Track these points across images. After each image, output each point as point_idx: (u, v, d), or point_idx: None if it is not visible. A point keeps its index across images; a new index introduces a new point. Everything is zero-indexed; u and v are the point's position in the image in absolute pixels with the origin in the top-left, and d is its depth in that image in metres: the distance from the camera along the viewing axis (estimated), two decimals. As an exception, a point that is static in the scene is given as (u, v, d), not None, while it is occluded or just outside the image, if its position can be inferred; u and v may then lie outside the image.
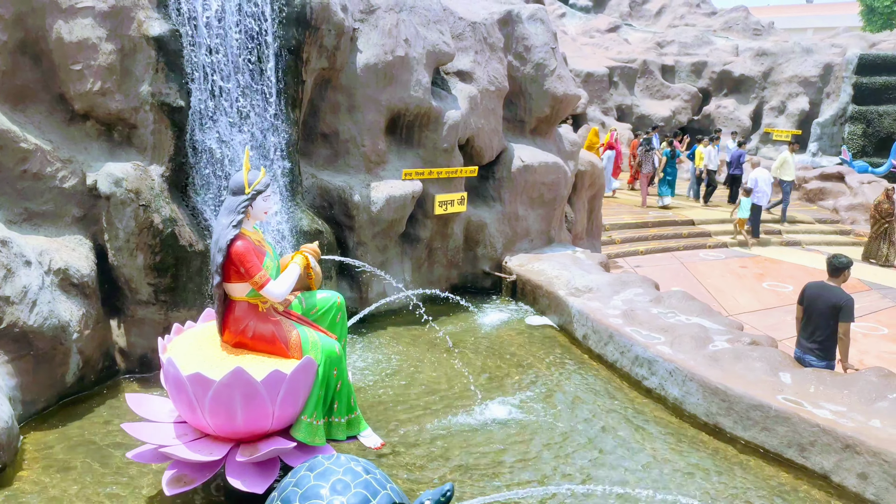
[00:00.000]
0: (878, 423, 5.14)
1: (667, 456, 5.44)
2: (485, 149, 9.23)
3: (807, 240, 17.18)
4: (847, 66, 27.30)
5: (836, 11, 61.61)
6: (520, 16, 9.82)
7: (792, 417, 5.32)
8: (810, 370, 6.10)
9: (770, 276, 13.97)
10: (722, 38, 32.70)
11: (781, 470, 5.28)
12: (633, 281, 8.66)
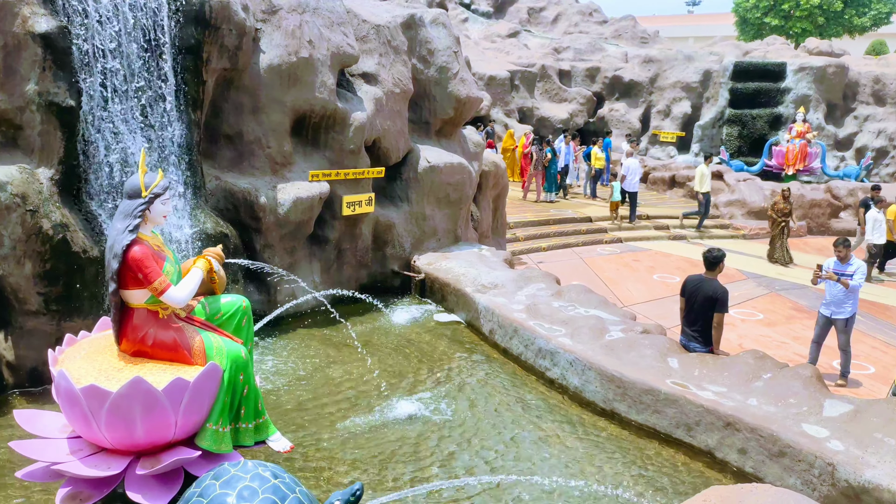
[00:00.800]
0: (754, 401, 5.38)
1: (569, 442, 5.51)
2: (391, 150, 9.13)
3: (692, 234, 17.93)
4: (724, 72, 28.71)
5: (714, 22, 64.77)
6: (423, 20, 9.77)
7: (679, 399, 5.51)
8: (695, 355, 6.33)
9: (660, 269, 14.49)
10: (613, 45, 33.76)
11: (672, 449, 5.45)
12: (535, 276, 8.77)
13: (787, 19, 41.69)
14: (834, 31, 42.01)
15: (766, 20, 42.17)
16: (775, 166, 23.97)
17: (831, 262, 8.83)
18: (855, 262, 8.72)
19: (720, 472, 5.17)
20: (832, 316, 8.86)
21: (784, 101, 28.15)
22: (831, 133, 28.26)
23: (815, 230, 19.06)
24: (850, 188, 19.70)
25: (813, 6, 40.29)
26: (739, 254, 16.17)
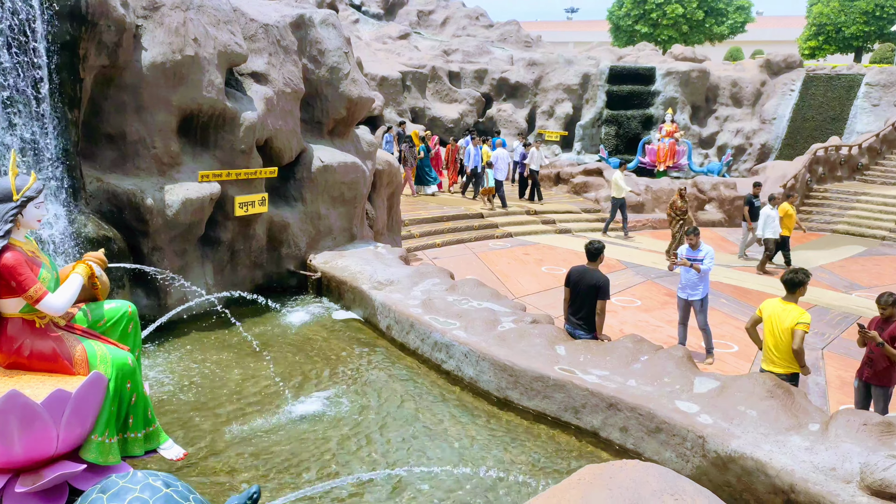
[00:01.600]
0: (633, 382, 5.61)
1: (467, 432, 5.55)
2: (284, 150, 8.89)
3: (576, 227, 18.55)
4: (601, 75, 29.89)
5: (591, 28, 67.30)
6: (312, 20, 9.57)
7: (567, 385, 5.66)
8: (580, 342, 6.53)
9: (548, 261, 14.89)
10: (499, 48, 34.40)
11: (561, 432, 5.59)
12: (430, 272, 8.78)
13: (656, 27, 43.88)
14: (697, 39, 44.59)
15: (637, 27, 44.21)
16: (648, 163, 25.22)
17: (684, 250, 9.42)
18: (704, 248, 9.32)
19: (605, 451, 5.36)
20: (688, 298, 9.42)
21: (654, 102, 29.64)
22: (696, 132, 30.01)
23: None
24: (713, 182, 20.95)
25: (678, 15, 42.58)
26: (619, 245, 16.86)
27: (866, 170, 23.58)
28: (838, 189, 22.10)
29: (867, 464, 4.25)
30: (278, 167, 8.91)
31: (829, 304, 12.46)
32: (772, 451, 4.64)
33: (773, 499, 4.49)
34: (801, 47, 41.97)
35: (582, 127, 29.90)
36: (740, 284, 13.66)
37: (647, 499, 2.78)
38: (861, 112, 27.44)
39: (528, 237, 17.35)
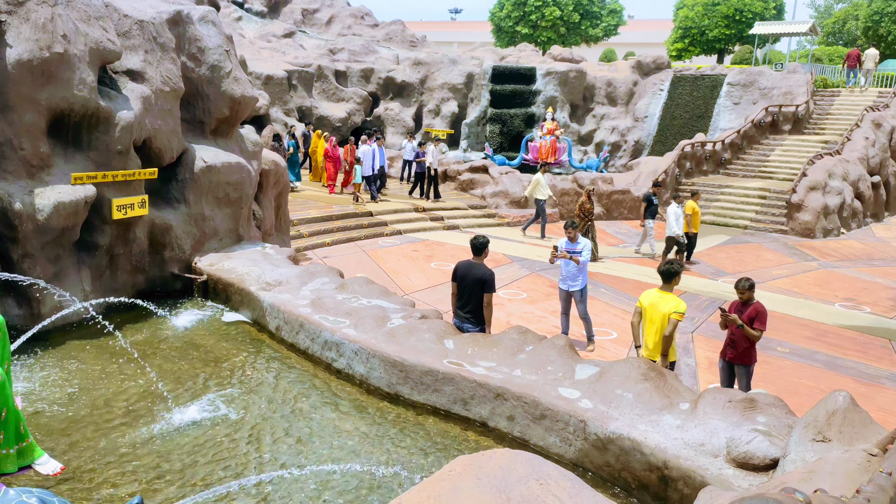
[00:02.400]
0: (519, 372, 5.84)
1: (359, 429, 5.59)
2: (164, 150, 8.55)
3: (464, 223, 18.89)
4: (484, 75, 30.52)
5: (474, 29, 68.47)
6: (190, 17, 9.24)
7: (455, 377, 5.82)
8: (468, 335, 6.71)
9: (437, 257, 15.09)
10: (385, 48, 34.38)
11: (451, 424, 5.74)
12: (319, 271, 8.73)
13: (536, 28, 45.26)
14: (574, 41, 46.37)
15: (518, 29, 45.43)
16: (532, 160, 26.01)
17: (563, 243, 9.75)
18: (581, 241, 9.71)
19: (493, 440, 5.55)
20: (569, 289, 9.76)
21: (536, 101, 30.59)
22: (575, 130, 31.24)
23: (565, 216, 20.94)
24: (591, 178, 21.90)
25: (556, 18, 44.11)
26: (505, 240, 17.32)
27: (729, 164, 25.38)
28: (704, 182, 23.68)
29: (732, 438, 4.64)
30: (159, 168, 8.56)
31: (698, 290, 13.36)
32: (646, 430, 4.98)
33: (649, 475, 4.82)
34: (669, 49, 44.54)
35: (468, 125, 30.42)
36: (618, 275, 14.39)
37: (514, 485, 2.92)
38: (724, 110, 29.48)
39: (418, 234, 17.51)
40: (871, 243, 19.77)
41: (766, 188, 22.32)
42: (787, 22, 40.06)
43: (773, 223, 20.79)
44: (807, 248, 18.51)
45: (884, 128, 24.84)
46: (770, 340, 10.38)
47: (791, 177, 22.57)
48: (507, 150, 29.07)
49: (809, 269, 16.08)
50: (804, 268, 16.14)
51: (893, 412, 8.15)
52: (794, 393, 8.43)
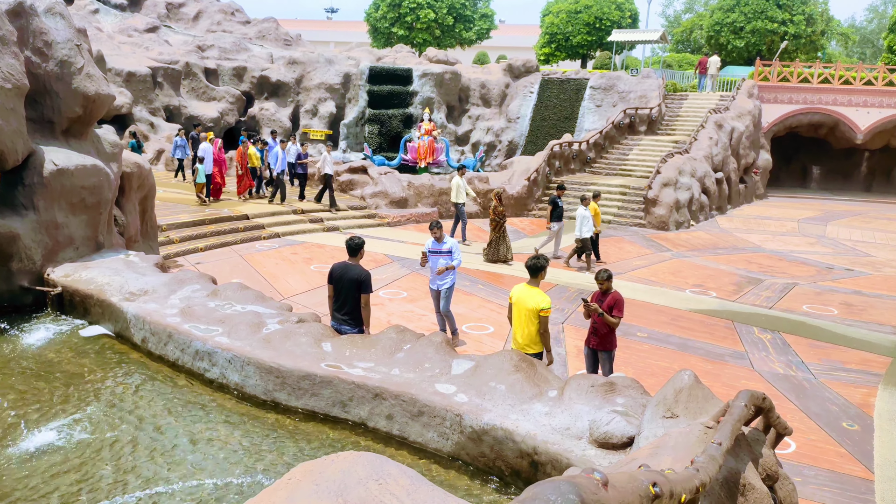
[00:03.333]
0: (397, 371, 5.83)
1: (234, 440, 5.37)
2: (7, 152, 7.82)
3: (344, 225, 18.68)
4: (362, 75, 30.34)
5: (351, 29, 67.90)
6: (34, 8, 8.51)
7: (333, 380, 5.73)
8: (346, 337, 6.63)
9: (317, 259, 14.82)
10: (258, 45, 33.36)
11: (331, 427, 5.64)
12: (190, 278, 8.31)
13: (411, 30, 45.51)
14: (448, 43, 47.02)
15: (394, 30, 45.49)
16: (410, 160, 26.13)
17: (430, 243, 9.82)
18: (448, 241, 9.80)
19: (372, 440, 5.50)
20: (438, 288, 9.84)
21: (413, 102, 30.76)
22: (452, 130, 31.71)
23: (444, 215, 21.20)
24: (468, 177, 22.25)
25: (430, 20, 44.54)
26: (385, 240, 17.28)
27: (594, 163, 26.63)
28: (572, 180, 24.70)
29: (594, 420, 4.85)
30: (1, 172, 7.83)
31: (568, 283, 13.92)
32: (518, 419, 5.11)
33: (521, 462, 4.94)
34: (538, 53, 46.13)
35: (346, 126, 30.12)
36: (494, 271, 14.73)
37: (353, 487, 2.86)
38: (588, 112, 30.91)
39: (297, 237, 17.12)
40: (717, 234, 21.41)
41: (626, 185, 23.60)
42: (640, 30, 42.57)
43: (633, 217, 22.02)
44: (662, 239, 19.75)
45: (725, 128, 26.95)
46: (630, 326, 10.98)
47: (647, 174, 23.99)
48: (386, 150, 29.04)
49: (664, 259, 17.17)
50: (660, 258, 17.21)
51: (736, 386, 8.85)
52: (652, 374, 8.97)
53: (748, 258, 17.65)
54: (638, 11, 46.16)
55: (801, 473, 6.87)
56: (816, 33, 42.67)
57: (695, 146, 25.13)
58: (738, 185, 27.75)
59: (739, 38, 41.98)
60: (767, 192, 31.61)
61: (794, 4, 41.31)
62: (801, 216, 25.77)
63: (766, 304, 13.21)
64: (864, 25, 70.88)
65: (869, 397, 8.84)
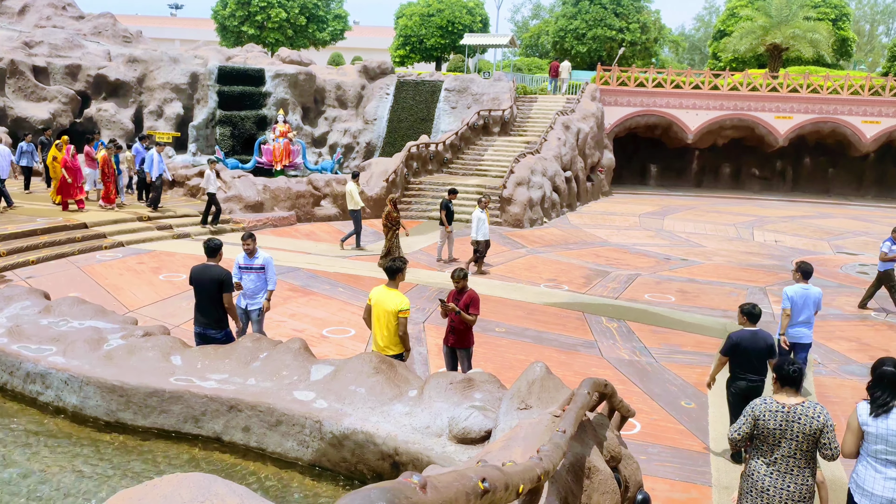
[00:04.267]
0: (253, 381, 5.67)
1: (73, 468, 4.97)
2: None
3: (195, 231, 17.80)
4: (210, 75, 29.07)
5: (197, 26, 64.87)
6: None
7: (184, 395, 5.46)
8: (198, 348, 6.34)
9: (166, 269, 14.04)
10: (93, 42, 31.02)
11: (182, 445, 5.38)
12: (18, 294, 7.60)
13: (262, 29, 44.20)
14: (302, 43, 46.15)
15: (244, 29, 43.98)
16: (266, 163, 25.39)
17: (241, 257, 8.58)
18: (261, 255, 8.61)
19: (228, 454, 5.30)
20: (248, 307, 8.58)
21: (267, 103, 29.91)
22: (308, 132, 31.18)
23: (302, 218, 20.83)
24: (326, 180, 22.01)
25: (282, 19, 43.50)
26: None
27: (451, 163, 27.20)
28: (430, 181, 25.09)
29: (453, 417, 4.96)
30: None
31: (428, 282, 14.13)
32: (378, 421, 5.12)
33: (382, 464, 4.96)
34: (393, 55, 46.42)
35: (195, 128, 28.72)
36: (355, 273, 14.66)
37: None
38: (443, 114, 31.51)
39: (143, 245, 16.11)
40: (568, 230, 22.60)
41: (482, 185, 24.31)
42: (491, 35, 44.05)
43: (490, 216, 22.73)
44: (517, 237, 20.56)
45: (572, 129, 28.49)
46: (489, 322, 11.34)
47: (502, 174, 24.84)
48: (239, 153, 28.00)
49: (520, 255, 17.89)
50: (516, 255, 17.92)
51: (587, 374, 9.39)
52: (510, 367, 9.31)
53: (596, 252, 18.77)
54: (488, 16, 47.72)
55: (646, 451, 7.40)
56: (650, 40, 46.18)
57: (545, 146, 26.35)
58: (585, 183, 29.41)
59: (582, 44, 44.55)
60: (612, 189, 33.77)
61: (630, 13, 44.45)
62: (642, 211, 27.77)
63: (613, 294, 14.12)
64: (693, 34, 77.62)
65: (703, 376, 9.69)
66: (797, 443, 4.52)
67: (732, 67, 42.92)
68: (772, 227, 25.18)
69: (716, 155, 38.00)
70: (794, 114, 34.19)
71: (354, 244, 17.33)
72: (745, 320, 7.20)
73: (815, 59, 41.41)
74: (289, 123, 27.04)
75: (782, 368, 4.73)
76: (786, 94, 34.06)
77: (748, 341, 7.06)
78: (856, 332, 12.25)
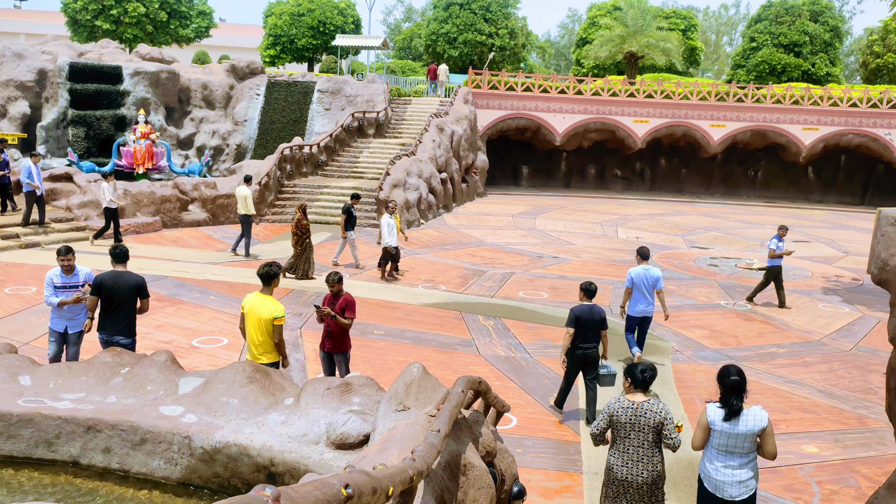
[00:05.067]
0: (114, 398, 5.32)
1: None
2: None
3: (46, 240, 16.47)
4: (60, 72, 26.97)
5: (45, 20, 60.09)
6: None
7: (34, 417, 5.03)
8: (50, 366, 5.88)
9: (13, 281, 12.89)
10: (-81, 32, 27.92)
11: (33, 471, 4.95)
12: None
13: (119, 24, 41.54)
14: (164, 40, 43.83)
15: (98, 23, 41.14)
16: (126, 166, 23.87)
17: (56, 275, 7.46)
18: (81, 272, 7.60)
19: (86, 478, 4.94)
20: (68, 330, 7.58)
21: (126, 103, 28.16)
22: (173, 133, 29.67)
23: (168, 224, 19.80)
24: (193, 183, 21.06)
25: (141, 14, 41.11)
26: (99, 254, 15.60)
27: (326, 166, 26.81)
28: (305, 183, 24.62)
29: (331, 423, 4.88)
30: None
31: (304, 287, 13.85)
32: (252, 432, 4.95)
33: (258, 476, 4.80)
34: (263, 55, 45.09)
35: (44, 128, 26.53)
36: (227, 280, 14.11)
37: None
38: (317, 115, 31.01)
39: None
40: (444, 231, 22.94)
41: (358, 187, 24.16)
42: (363, 36, 43.89)
43: (367, 218, 22.63)
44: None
45: (446, 131, 28.95)
46: (368, 325, 11.29)
47: (378, 176, 24.82)
48: (96, 155, 26.14)
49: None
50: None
51: (465, 372, 9.56)
52: (389, 370, 9.31)
53: (472, 252, 19.16)
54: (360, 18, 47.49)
55: (522, 444, 7.65)
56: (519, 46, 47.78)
57: (420, 148, 26.59)
58: (460, 185, 29.97)
59: (454, 48, 45.36)
60: (487, 190, 34.62)
61: (499, 19, 45.78)
62: (515, 211, 28.68)
63: (489, 293, 14.47)
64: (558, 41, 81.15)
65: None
66: (644, 434, 5.18)
67: (595, 73, 45.27)
68: (633, 225, 26.79)
69: (582, 156, 39.92)
70: (651, 118, 36.57)
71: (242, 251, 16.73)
72: (584, 296, 8.23)
73: (668, 66, 44.55)
74: (151, 124, 25.60)
75: (635, 373, 5.32)
76: (642, 100, 36.34)
77: (586, 314, 8.03)
78: (708, 320, 13.27)
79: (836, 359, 11.27)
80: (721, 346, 11.66)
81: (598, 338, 8.13)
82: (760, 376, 10.17)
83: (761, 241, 23.72)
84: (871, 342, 12.25)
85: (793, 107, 36.36)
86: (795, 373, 10.47)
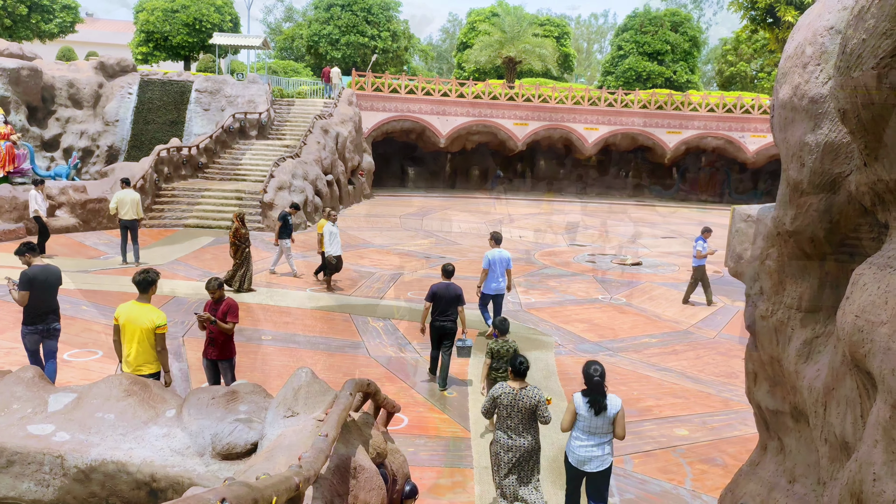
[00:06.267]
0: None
1: None
2: None
3: None
4: None
5: None
6: None
7: None
8: None
9: None
10: None
11: None
12: None
13: (-29, 16, 38.01)
14: (24, 35, 40.52)
15: (-54, 14, 37.46)
16: (-18, 169, 21.89)
17: None
18: None
19: (-56, 510, 4.53)
20: None
21: (-20, 101, 25.82)
22: (37, 134, 27.55)
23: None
24: (61, 187, 19.66)
25: (-3, 7, 37.82)
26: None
27: (206, 168, 25.75)
28: (185, 187, 23.55)
29: (216, 433, 4.73)
30: None
31: (187, 294, 13.28)
32: (131, 448, 4.72)
33: (139, 493, 4.58)
34: (134, 52, 42.62)
35: None
36: (101, 288, 13.29)
37: None
38: (195, 116, 29.70)
39: None
40: (333, 232, 22.63)
41: (241, 189, 23.44)
42: (243, 35, 42.52)
43: (252, 222, 21.97)
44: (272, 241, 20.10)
45: (331, 133, 28.62)
46: (256, 331, 11.00)
47: (262, 178, 24.17)
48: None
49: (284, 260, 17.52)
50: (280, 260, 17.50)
51: (355, 374, 9.53)
52: (278, 376, 9.12)
53: (361, 253, 19.06)
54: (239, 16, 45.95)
55: (414, 443, 7.71)
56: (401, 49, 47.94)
57: (305, 150, 26.12)
58: (347, 187, 29.70)
59: (336, 50, 44.87)
60: (373, 192, 34.51)
61: (381, 22, 45.74)
62: (403, 212, 28.78)
63: (378, 294, 14.46)
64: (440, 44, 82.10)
65: (462, 367, 10.33)
66: (522, 414, 6.05)
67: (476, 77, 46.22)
68: (517, 225, 27.60)
69: (466, 158, 40.64)
70: (530, 121, 37.80)
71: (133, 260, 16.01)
72: (443, 275, 9.36)
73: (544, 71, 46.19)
74: (11, 124, 23.59)
75: (515, 364, 6.14)
76: (521, 104, 37.50)
77: (442, 290, 9.07)
78: (587, 314, 13.91)
79: (702, 346, 12.13)
80: (600, 339, 12.25)
81: (455, 313, 9.12)
82: (636, 365, 10.79)
83: (632, 237, 25.13)
84: (732, 330, 13.28)
85: (657, 111, 38.74)
86: (666, 361, 11.18)
